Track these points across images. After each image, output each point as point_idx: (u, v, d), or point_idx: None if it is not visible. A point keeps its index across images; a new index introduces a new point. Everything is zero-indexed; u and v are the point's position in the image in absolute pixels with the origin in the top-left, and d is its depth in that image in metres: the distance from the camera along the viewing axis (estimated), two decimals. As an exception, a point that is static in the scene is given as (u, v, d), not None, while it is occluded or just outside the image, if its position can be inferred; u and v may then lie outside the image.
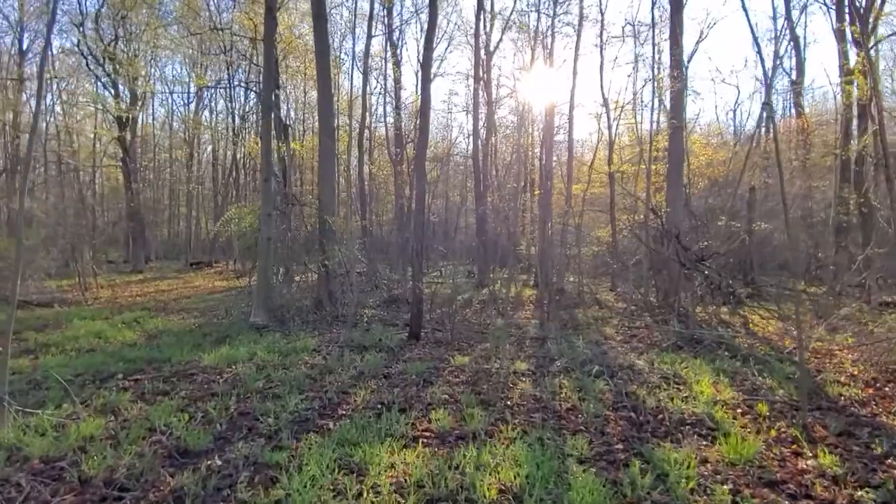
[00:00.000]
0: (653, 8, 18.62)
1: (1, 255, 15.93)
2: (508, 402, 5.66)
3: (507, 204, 30.54)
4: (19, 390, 5.69)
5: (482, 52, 22.37)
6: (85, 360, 7.18)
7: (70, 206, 21.29)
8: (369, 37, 19.10)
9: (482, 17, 21.80)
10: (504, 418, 5.15)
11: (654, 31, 16.12)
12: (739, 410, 5.50)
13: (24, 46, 29.84)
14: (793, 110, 26.71)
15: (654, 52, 16.30)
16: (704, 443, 4.70)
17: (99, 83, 28.05)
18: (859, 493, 3.73)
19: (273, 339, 8.79)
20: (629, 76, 19.82)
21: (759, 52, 19.86)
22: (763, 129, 23.20)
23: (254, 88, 26.03)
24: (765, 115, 19.46)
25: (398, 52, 25.66)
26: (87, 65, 26.38)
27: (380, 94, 28.89)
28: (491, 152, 26.84)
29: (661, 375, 6.76)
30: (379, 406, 5.46)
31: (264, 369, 6.75)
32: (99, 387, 5.93)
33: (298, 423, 4.95)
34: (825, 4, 18.03)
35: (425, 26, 14.23)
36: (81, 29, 24.98)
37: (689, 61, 17.78)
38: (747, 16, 13.80)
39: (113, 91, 26.81)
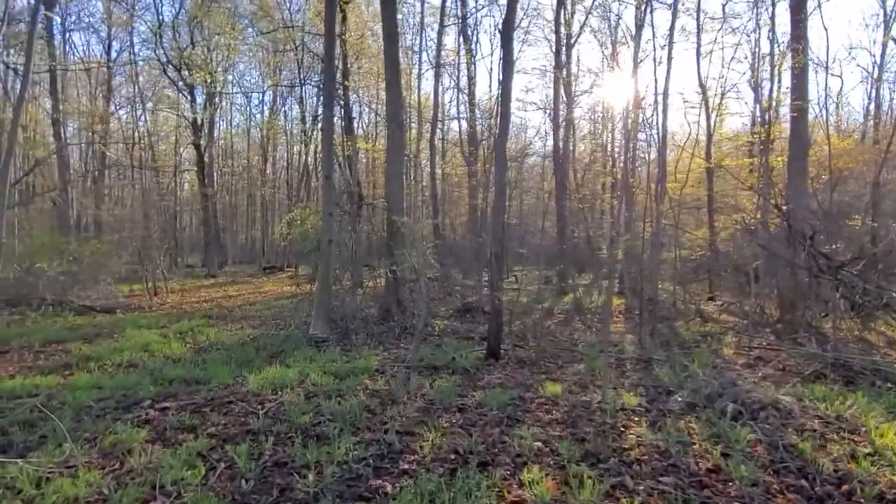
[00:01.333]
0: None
1: (76, 257, 15.85)
2: (624, 457, 4.25)
3: (586, 205, 28.76)
4: (24, 421, 4.78)
5: (562, 43, 20.77)
6: (119, 379, 6.29)
7: (141, 210, 21.27)
8: (442, 25, 18.00)
9: (563, 7, 20.21)
10: (623, 484, 3.75)
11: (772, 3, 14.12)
12: (959, 480, 3.88)
13: (112, 57, 30.83)
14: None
15: (772, 26, 14.30)
16: (931, 539, 3.16)
17: (178, 91, 28.41)
18: None
19: (331, 355, 7.70)
20: (731, 59, 17.74)
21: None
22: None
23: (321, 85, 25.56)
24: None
25: (472, 47, 24.48)
26: (164, 71, 26.75)
27: (452, 90, 27.83)
28: (570, 151, 25.17)
29: (819, 418, 5.15)
30: (453, 457, 4.19)
31: (315, 397, 5.61)
32: (117, 418, 4.94)
33: (347, 483, 3.73)
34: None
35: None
36: (158, 35, 25.27)
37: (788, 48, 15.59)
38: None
39: (189, 96, 27.07)
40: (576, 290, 15.34)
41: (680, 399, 5.71)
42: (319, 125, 23.85)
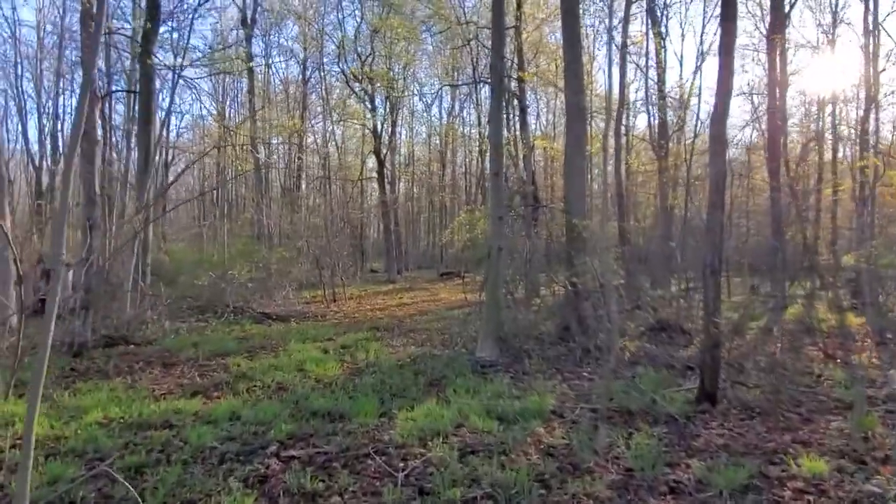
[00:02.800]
0: None
1: (264, 265, 16.44)
2: None
3: (799, 203, 24.61)
4: (137, 465, 4.08)
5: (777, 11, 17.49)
6: (261, 407, 5.56)
7: (328, 219, 21.93)
8: (628, 4, 15.96)
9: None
10: None
11: None
12: None
13: (308, 75, 32.87)
14: None
15: None
16: None
17: (361, 101, 29.37)
18: None
19: (498, 387, 6.38)
20: None
21: None
22: None
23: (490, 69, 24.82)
24: None
25: (661, 29, 21.89)
26: (348, 83, 27.79)
27: (639, 79, 25.42)
28: (783, 138, 21.51)
29: None
30: None
31: (471, 454, 4.32)
32: (232, 470, 4.06)
33: None
34: None
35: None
36: (342, 49, 26.24)
37: None
38: None
39: (370, 105, 27.83)
40: (804, 305, 12.46)
41: None
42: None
